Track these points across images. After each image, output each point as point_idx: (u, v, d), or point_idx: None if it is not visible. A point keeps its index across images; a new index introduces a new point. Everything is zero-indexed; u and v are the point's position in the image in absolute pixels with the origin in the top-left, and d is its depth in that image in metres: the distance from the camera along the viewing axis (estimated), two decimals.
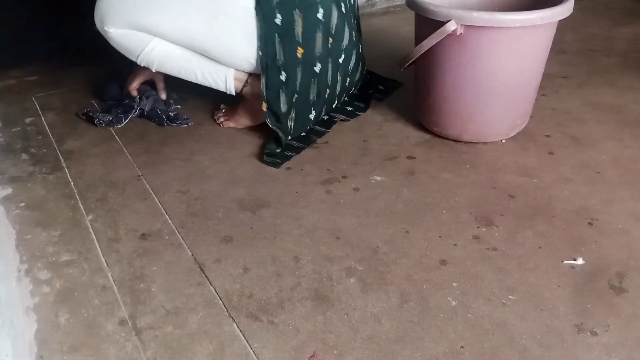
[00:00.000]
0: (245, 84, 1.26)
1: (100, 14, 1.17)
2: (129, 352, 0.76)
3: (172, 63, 1.24)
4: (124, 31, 1.18)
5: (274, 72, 1.17)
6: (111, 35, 1.19)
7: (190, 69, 1.24)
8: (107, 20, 1.17)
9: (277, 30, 1.14)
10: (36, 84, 1.56)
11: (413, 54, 1.14)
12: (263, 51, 1.15)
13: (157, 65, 1.24)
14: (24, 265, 0.92)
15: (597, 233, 0.96)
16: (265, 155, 1.19)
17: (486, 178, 1.11)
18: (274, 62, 1.16)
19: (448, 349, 0.76)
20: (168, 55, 1.22)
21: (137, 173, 1.15)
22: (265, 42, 1.15)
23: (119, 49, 1.22)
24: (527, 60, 1.14)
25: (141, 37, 1.19)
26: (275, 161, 1.18)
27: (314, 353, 0.75)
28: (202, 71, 1.24)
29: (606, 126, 1.29)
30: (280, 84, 1.18)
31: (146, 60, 1.23)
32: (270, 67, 1.16)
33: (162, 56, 1.22)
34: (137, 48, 1.21)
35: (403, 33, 1.90)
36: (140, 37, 1.19)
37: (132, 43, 1.21)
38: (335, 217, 1.01)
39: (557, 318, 0.80)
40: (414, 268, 0.89)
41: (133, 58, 1.24)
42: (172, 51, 1.21)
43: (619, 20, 1.99)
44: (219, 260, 0.92)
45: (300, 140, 1.25)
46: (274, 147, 1.21)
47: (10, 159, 1.21)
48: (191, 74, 1.25)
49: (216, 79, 1.25)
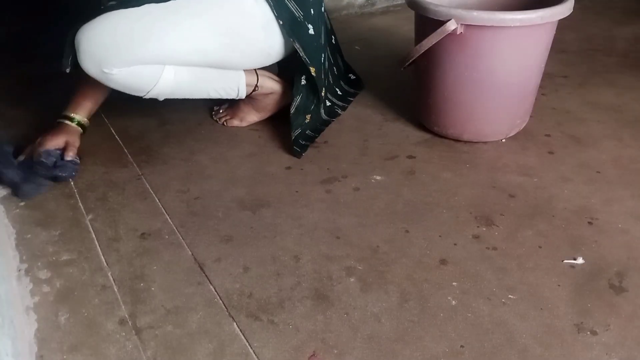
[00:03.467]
0: (255, 87, 1.26)
1: (95, 56, 1.02)
2: (129, 351, 0.76)
3: (184, 89, 1.16)
4: (130, 69, 1.06)
5: (302, 30, 1.16)
6: (114, 77, 1.05)
7: (203, 89, 1.19)
8: (109, 62, 1.03)
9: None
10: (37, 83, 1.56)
11: (413, 54, 1.14)
12: (283, 18, 1.13)
13: (169, 95, 1.15)
14: (24, 264, 0.92)
15: (597, 232, 0.96)
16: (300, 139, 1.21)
17: (486, 177, 1.11)
18: (296, 21, 1.15)
19: (448, 348, 0.76)
20: (179, 82, 1.13)
21: (137, 172, 1.15)
22: (278, 8, 1.13)
23: (123, 88, 1.10)
24: (527, 60, 1.14)
25: (151, 71, 1.09)
26: (306, 145, 1.21)
27: (314, 352, 0.76)
28: (214, 88, 1.20)
29: (606, 126, 1.29)
30: (313, 39, 1.18)
31: (156, 93, 1.13)
32: (296, 29, 1.15)
33: (173, 84, 1.13)
34: (148, 83, 1.10)
35: (403, 32, 1.90)
36: (151, 70, 1.08)
37: (142, 79, 1.09)
38: (335, 217, 1.01)
39: (557, 317, 0.80)
40: (414, 267, 0.89)
41: (141, 94, 1.12)
42: (182, 77, 1.13)
43: (619, 19, 1.99)
44: (219, 259, 0.92)
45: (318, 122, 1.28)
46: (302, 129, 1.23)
47: None
48: (203, 93, 1.20)
49: (228, 91, 1.23)
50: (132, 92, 1.12)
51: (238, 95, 1.25)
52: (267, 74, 1.29)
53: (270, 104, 1.31)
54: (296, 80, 1.23)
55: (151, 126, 1.34)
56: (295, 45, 1.16)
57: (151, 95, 1.13)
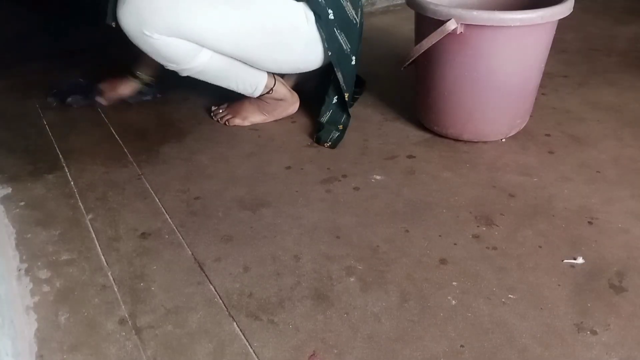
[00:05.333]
0: (270, 90, 1.28)
1: (140, 14, 1.04)
2: (129, 351, 0.76)
3: (213, 74, 1.19)
4: (170, 39, 1.07)
5: (346, 62, 1.22)
6: (152, 42, 1.06)
7: (227, 79, 1.23)
8: (152, 25, 1.04)
9: (334, 24, 1.17)
10: (37, 83, 1.56)
11: (413, 53, 1.14)
12: (332, 50, 1.18)
13: (196, 75, 1.18)
14: (24, 264, 0.92)
15: (597, 232, 0.96)
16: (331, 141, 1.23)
17: (486, 177, 1.11)
18: (343, 53, 1.20)
19: (448, 348, 0.76)
20: (210, 66, 1.16)
21: (137, 172, 1.15)
22: (330, 41, 1.17)
23: (156, 54, 1.11)
24: (527, 59, 1.14)
25: (189, 48, 1.10)
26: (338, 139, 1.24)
27: (314, 352, 0.75)
28: (236, 81, 1.23)
29: (606, 125, 1.29)
30: (353, 69, 1.25)
31: (184, 69, 1.15)
32: (342, 60, 1.21)
33: (204, 67, 1.15)
34: (182, 59, 1.12)
35: (403, 32, 1.90)
36: (189, 47, 1.10)
37: (178, 53, 1.10)
38: (335, 216, 1.01)
39: (557, 317, 0.80)
40: (413, 267, 0.89)
41: (169, 66, 1.15)
42: (215, 62, 1.16)
43: (619, 19, 1.99)
44: (219, 259, 0.92)
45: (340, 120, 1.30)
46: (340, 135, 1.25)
47: (11, 158, 1.21)
48: (225, 82, 1.23)
49: (247, 87, 1.26)
50: (161, 61, 1.14)
51: (253, 94, 1.27)
52: (282, 80, 1.31)
53: (278, 109, 1.33)
54: (328, 98, 1.28)
55: (151, 126, 1.34)
56: (337, 75, 1.21)
57: (176, 69, 1.16)
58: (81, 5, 1.35)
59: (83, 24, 1.32)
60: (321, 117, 1.27)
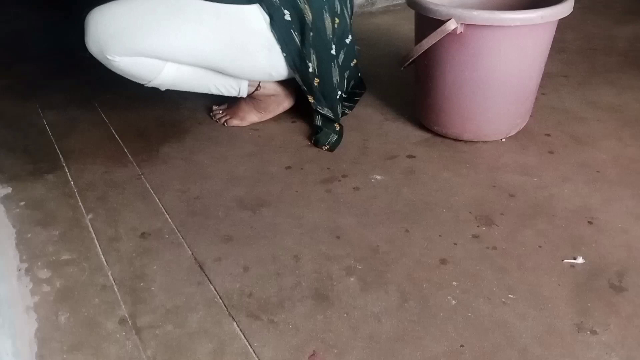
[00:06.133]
0: (258, 87, 1.27)
1: (100, 41, 1.07)
2: (129, 351, 0.76)
3: (185, 83, 1.20)
4: (132, 59, 1.10)
5: (303, 65, 1.18)
6: (116, 64, 1.10)
7: (204, 84, 1.22)
8: (112, 49, 1.07)
9: (291, 26, 1.14)
10: (37, 83, 1.56)
11: (413, 53, 1.14)
12: (287, 51, 1.15)
13: (169, 86, 1.19)
14: (24, 264, 0.92)
15: (597, 232, 0.96)
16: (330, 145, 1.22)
17: (486, 177, 1.11)
18: (300, 55, 1.17)
19: (448, 348, 0.76)
20: (180, 76, 1.17)
21: (137, 172, 1.15)
22: (286, 42, 1.15)
23: (125, 75, 1.14)
24: (527, 59, 1.14)
25: (153, 64, 1.12)
26: (337, 142, 1.23)
27: (314, 352, 0.76)
28: (215, 84, 1.23)
29: (606, 125, 1.29)
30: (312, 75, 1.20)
31: (157, 84, 1.17)
32: (299, 62, 1.17)
33: (174, 78, 1.17)
34: (148, 75, 1.14)
35: (403, 32, 1.90)
36: (152, 63, 1.12)
37: (143, 70, 1.13)
38: (335, 216, 1.01)
39: (557, 317, 0.80)
40: (414, 267, 0.89)
41: (142, 82, 1.17)
42: (184, 72, 1.16)
43: (619, 19, 1.99)
44: (219, 259, 0.92)
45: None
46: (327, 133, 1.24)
47: (11, 158, 1.21)
48: (204, 88, 1.23)
49: (229, 89, 1.25)
50: (133, 79, 1.16)
51: (239, 94, 1.26)
52: None
53: (271, 105, 1.31)
54: (314, 118, 1.26)
55: (151, 126, 1.34)
56: (296, 77, 1.19)
57: (153, 85, 1.18)
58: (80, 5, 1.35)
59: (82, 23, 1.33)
60: (315, 120, 1.26)
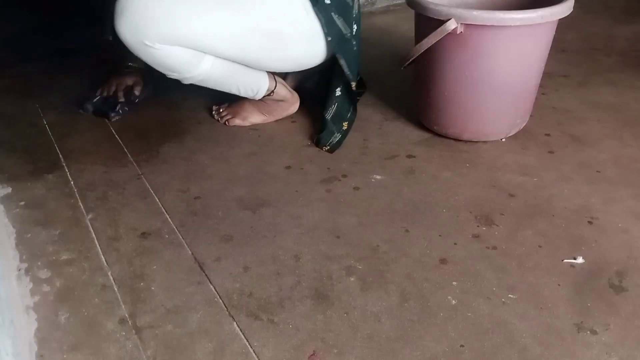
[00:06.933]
0: (271, 93, 1.27)
1: (138, 25, 1.02)
2: (129, 350, 0.76)
3: (215, 80, 1.19)
4: (171, 49, 1.05)
5: (348, 46, 1.19)
6: (155, 52, 1.05)
7: (230, 84, 1.22)
8: (151, 34, 1.02)
9: (331, 9, 1.15)
10: (37, 83, 1.56)
11: (413, 53, 1.14)
12: (332, 34, 1.16)
13: (199, 82, 1.17)
14: (24, 264, 0.92)
15: (597, 232, 0.96)
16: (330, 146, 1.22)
17: (486, 177, 1.11)
18: (343, 37, 1.18)
19: (448, 347, 0.76)
20: (212, 72, 1.15)
21: (137, 172, 1.15)
22: (329, 26, 1.15)
23: (159, 66, 1.10)
24: (527, 59, 1.14)
25: (192, 55, 1.09)
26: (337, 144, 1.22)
27: (313, 352, 0.76)
28: (238, 85, 1.23)
29: (606, 125, 1.29)
30: (356, 54, 1.22)
31: (186, 77, 1.14)
32: (342, 45, 1.18)
33: (206, 75, 1.15)
34: (186, 67, 1.11)
35: (403, 32, 1.90)
36: (191, 55, 1.09)
37: (180, 61, 1.09)
38: (335, 216, 1.01)
39: (557, 317, 0.80)
40: (414, 267, 0.89)
41: (171, 75, 1.13)
42: (217, 68, 1.14)
43: (619, 19, 1.99)
44: (219, 259, 0.92)
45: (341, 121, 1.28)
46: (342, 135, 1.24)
47: (11, 158, 1.21)
48: (227, 88, 1.23)
49: (248, 91, 1.25)
50: (163, 71, 1.12)
51: (255, 96, 1.27)
52: (282, 81, 1.31)
53: (277, 110, 1.33)
54: (330, 90, 1.26)
55: (151, 126, 1.34)
56: (340, 62, 1.19)
57: (179, 78, 1.15)
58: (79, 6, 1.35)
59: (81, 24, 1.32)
60: (326, 112, 1.25)
